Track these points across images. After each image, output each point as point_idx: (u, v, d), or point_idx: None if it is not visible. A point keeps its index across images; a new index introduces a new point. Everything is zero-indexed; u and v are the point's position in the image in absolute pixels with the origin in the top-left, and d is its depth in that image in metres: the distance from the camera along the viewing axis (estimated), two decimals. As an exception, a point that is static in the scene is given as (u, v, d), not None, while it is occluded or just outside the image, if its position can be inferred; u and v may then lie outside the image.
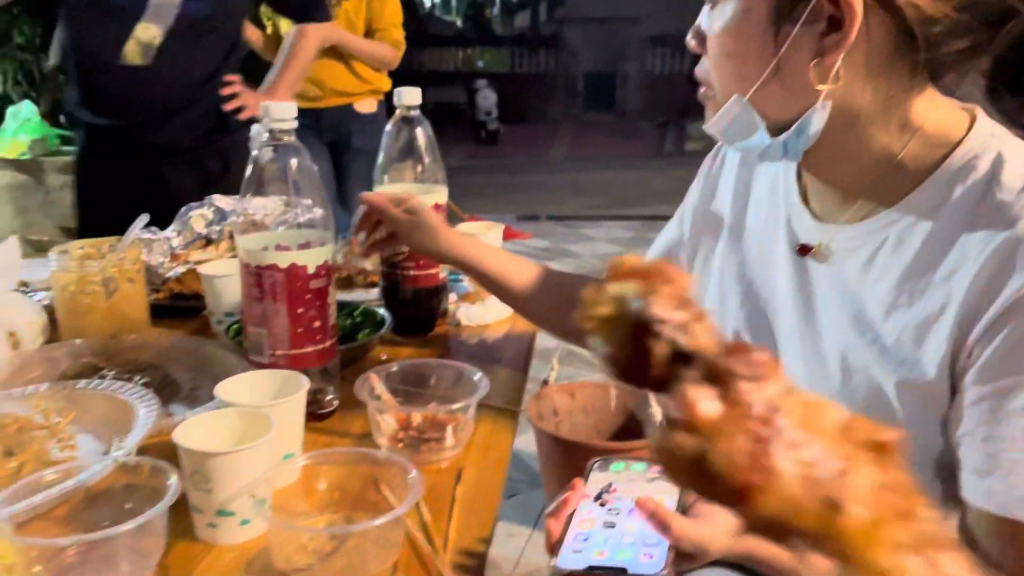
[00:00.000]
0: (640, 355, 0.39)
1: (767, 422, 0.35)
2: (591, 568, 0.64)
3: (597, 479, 0.75)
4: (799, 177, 0.80)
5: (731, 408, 0.36)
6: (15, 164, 3.61)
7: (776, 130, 0.69)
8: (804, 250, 0.76)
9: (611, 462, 0.77)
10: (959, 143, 0.67)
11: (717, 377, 0.37)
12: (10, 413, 0.90)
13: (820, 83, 0.65)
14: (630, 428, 2.28)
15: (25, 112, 3.69)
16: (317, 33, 2.08)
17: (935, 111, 0.68)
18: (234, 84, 1.86)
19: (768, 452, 0.35)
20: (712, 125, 0.73)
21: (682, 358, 0.38)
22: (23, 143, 3.58)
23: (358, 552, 0.69)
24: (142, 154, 1.82)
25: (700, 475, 0.35)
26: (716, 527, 0.66)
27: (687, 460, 0.35)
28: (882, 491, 0.36)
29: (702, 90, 0.75)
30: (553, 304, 1.05)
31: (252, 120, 1.78)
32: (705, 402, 0.36)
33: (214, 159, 1.88)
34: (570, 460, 2.11)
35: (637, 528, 0.67)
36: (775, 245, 0.81)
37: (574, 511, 0.70)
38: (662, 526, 0.65)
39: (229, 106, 1.84)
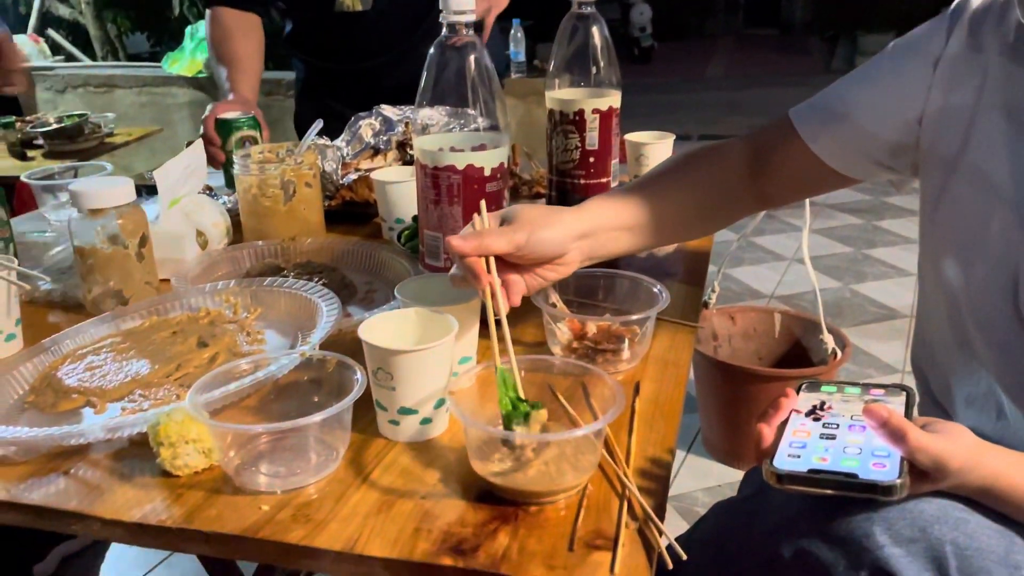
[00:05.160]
0: None
1: None
2: (813, 471, 0.59)
3: (808, 398, 0.69)
4: None
5: None
6: (193, 82, 3.81)
7: None
8: None
9: (820, 384, 0.71)
10: None
11: None
12: (202, 307, 0.94)
13: None
14: (794, 356, 2.17)
15: (201, 32, 3.86)
16: None
17: None
18: None
19: None
20: None
21: None
22: (200, 62, 3.77)
23: (556, 463, 0.67)
24: (363, 94, 1.77)
25: None
26: (957, 443, 0.59)
27: None
28: None
29: None
30: (696, 206, 0.95)
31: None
32: None
33: None
34: (729, 385, 2.04)
35: (861, 440, 0.61)
36: None
37: (786, 420, 0.65)
38: (897, 435, 0.58)
39: None
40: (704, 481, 2.10)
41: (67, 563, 1.16)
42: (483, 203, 0.81)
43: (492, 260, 0.76)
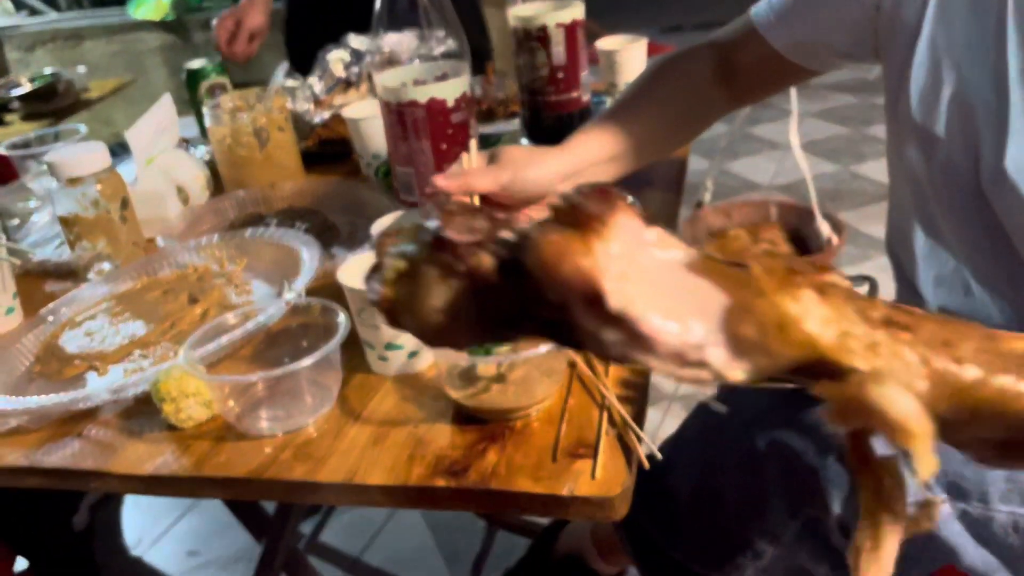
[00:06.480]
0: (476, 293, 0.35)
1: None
2: None
3: None
4: None
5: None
6: (162, 26, 3.73)
7: None
8: None
9: None
10: None
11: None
12: (189, 263, 0.96)
13: None
14: (794, 245, 2.18)
15: (164, -28, 3.76)
16: None
17: None
18: None
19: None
20: None
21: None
22: (166, 4, 3.68)
23: (524, 379, 0.71)
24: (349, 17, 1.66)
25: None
26: None
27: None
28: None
29: None
30: (676, 119, 0.97)
31: None
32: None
33: None
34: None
35: None
36: None
37: None
38: None
39: None
40: (709, 375, 2.15)
41: (95, 511, 1.23)
42: (473, 142, 0.82)
43: (476, 199, 0.78)
